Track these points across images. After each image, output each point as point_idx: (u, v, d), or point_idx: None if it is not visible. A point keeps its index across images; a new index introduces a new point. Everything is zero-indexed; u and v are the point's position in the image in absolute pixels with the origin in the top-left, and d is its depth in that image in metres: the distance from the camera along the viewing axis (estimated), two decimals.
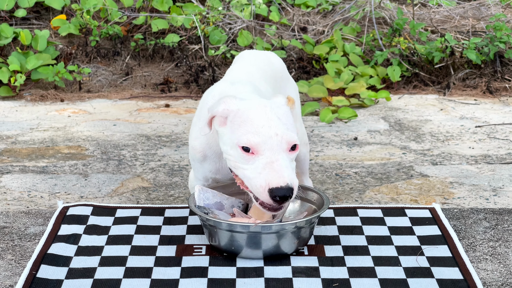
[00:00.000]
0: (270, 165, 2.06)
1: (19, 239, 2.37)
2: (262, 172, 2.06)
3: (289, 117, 2.15)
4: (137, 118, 3.86)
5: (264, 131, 2.08)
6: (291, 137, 2.10)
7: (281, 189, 2.04)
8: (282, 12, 5.11)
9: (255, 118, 2.10)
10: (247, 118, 2.10)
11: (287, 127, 2.11)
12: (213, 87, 2.36)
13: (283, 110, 2.15)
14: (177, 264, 2.14)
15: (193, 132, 2.33)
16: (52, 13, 4.94)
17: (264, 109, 2.11)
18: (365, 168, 3.13)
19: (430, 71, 4.48)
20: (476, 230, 2.45)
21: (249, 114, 2.11)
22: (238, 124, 2.11)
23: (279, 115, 2.12)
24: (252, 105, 2.13)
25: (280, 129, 2.09)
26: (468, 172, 3.07)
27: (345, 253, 2.23)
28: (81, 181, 2.93)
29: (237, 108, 2.13)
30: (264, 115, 2.10)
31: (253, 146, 2.07)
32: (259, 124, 2.09)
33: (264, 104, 2.13)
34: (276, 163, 2.06)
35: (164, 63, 4.66)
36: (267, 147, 2.07)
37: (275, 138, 2.08)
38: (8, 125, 3.72)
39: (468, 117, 3.91)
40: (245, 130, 2.09)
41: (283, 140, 2.09)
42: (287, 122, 2.12)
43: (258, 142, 2.07)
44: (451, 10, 5.12)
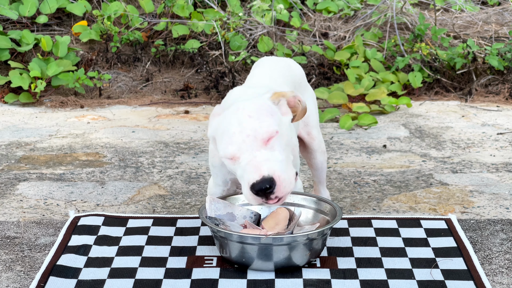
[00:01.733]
0: (248, 164, 2.07)
1: (29, 249, 2.37)
2: (243, 175, 2.08)
3: (263, 109, 2.12)
4: (156, 125, 3.85)
5: (235, 138, 2.09)
6: (263, 131, 2.08)
7: (260, 183, 2.04)
8: (303, 18, 5.08)
9: (227, 127, 2.11)
10: (223, 130, 2.13)
11: (259, 121, 2.09)
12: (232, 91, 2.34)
13: (257, 105, 2.13)
14: (187, 276, 2.13)
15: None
16: (74, 19, 4.96)
17: (236, 114, 2.11)
18: (384, 176, 3.09)
19: (452, 77, 4.43)
20: (493, 242, 2.41)
21: (224, 125, 2.13)
22: (219, 138, 2.14)
23: (251, 113, 2.10)
24: (227, 113, 2.14)
25: (250, 129, 2.08)
26: (488, 180, 3.03)
27: (358, 265, 2.20)
28: (97, 189, 2.93)
29: (216, 123, 2.16)
30: (235, 121, 2.10)
31: (232, 155, 2.09)
32: (230, 132, 2.10)
33: (237, 108, 2.13)
34: (253, 160, 2.07)
35: (184, 69, 4.65)
36: (243, 149, 2.08)
37: (247, 139, 2.08)
38: (27, 132, 3.74)
39: (490, 124, 3.86)
40: (224, 143, 2.11)
41: (256, 138, 2.08)
42: (259, 116, 2.10)
43: (233, 151, 2.09)
44: (474, 15, 5.06)
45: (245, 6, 5.10)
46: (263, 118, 2.10)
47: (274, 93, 2.17)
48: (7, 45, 4.44)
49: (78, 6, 4.84)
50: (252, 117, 2.10)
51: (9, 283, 2.16)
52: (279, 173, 2.06)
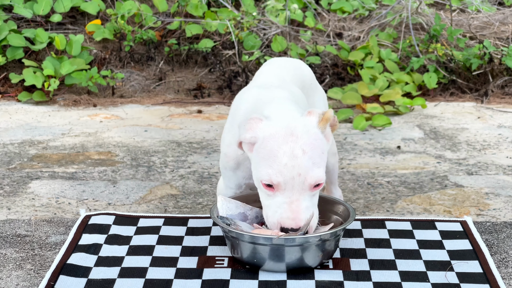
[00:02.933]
0: (288, 205, 2.03)
1: (40, 248, 2.35)
2: (278, 211, 2.04)
3: (317, 146, 2.04)
4: (169, 124, 3.84)
5: (286, 171, 2.01)
6: (315, 176, 2.02)
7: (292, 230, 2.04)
8: (317, 18, 5.05)
9: (279, 153, 2.01)
10: (271, 152, 2.02)
11: (312, 162, 2.01)
12: (245, 92, 2.30)
13: (311, 139, 2.03)
14: (197, 277, 2.10)
15: (226, 139, 2.28)
16: (88, 18, 4.96)
17: (289, 142, 2.01)
18: (398, 177, 3.06)
19: (468, 78, 4.39)
20: (509, 245, 2.37)
21: (272, 146, 2.02)
22: (262, 156, 2.04)
23: (305, 147, 2.01)
24: (279, 134, 2.03)
25: (304, 168, 2.00)
26: (504, 182, 2.99)
27: (371, 267, 2.17)
28: (109, 188, 2.92)
29: (262, 135, 2.05)
30: (289, 151, 2.00)
31: (275, 185, 2.03)
32: (281, 161, 2.01)
33: (291, 133, 2.03)
34: (294, 204, 2.02)
35: (197, 68, 4.64)
36: (288, 187, 2.02)
37: (298, 178, 2.01)
38: (40, 130, 3.73)
39: (506, 125, 3.82)
40: (267, 165, 2.02)
41: (306, 180, 2.02)
42: (313, 154, 2.02)
43: (279, 182, 2.02)
44: (491, 16, 5.02)
45: (259, 5, 5.08)
46: (317, 161, 2.02)
47: (321, 117, 2.07)
48: (21, 44, 4.44)
49: (92, 5, 4.84)
50: (306, 153, 2.01)
51: (19, 281, 2.14)
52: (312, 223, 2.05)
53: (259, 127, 2.07)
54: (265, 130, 2.06)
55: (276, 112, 2.10)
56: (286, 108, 2.12)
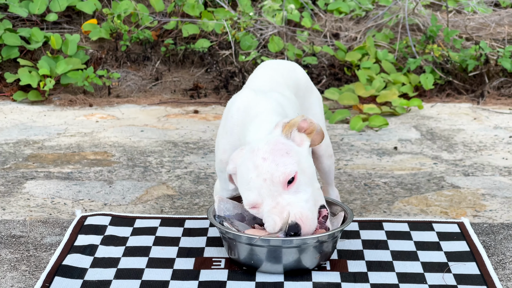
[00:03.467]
0: (271, 211, 2.04)
1: (35, 249, 2.34)
2: (268, 220, 2.05)
3: (278, 149, 2.06)
4: (165, 124, 3.83)
5: (252, 184, 2.05)
6: (279, 175, 2.03)
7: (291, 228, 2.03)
8: (314, 18, 5.05)
9: (244, 173, 2.07)
10: (241, 175, 2.09)
11: (275, 164, 2.03)
12: (237, 97, 2.29)
13: (271, 145, 2.07)
14: (194, 278, 2.09)
15: (220, 144, 2.28)
16: (84, 18, 4.94)
17: (251, 158, 2.06)
18: (395, 178, 3.05)
19: (464, 79, 4.39)
20: (506, 247, 2.37)
21: (242, 170, 2.09)
22: (239, 184, 2.11)
23: (265, 155, 2.05)
24: (245, 157, 2.09)
25: (266, 173, 2.03)
26: (501, 184, 2.99)
27: (369, 268, 2.17)
28: (105, 188, 2.91)
29: (239, 163, 2.11)
30: (252, 165, 2.05)
31: (252, 203, 2.06)
32: (248, 178, 2.06)
33: (252, 150, 2.07)
34: (277, 207, 2.03)
35: (194, 68, 4.62)
36: (264, 195, 2.04)
37: (265, 184, 2.03)
38: (35, 130, 3.71)
39: (503, 126, 3.81)
40: (243, 190, 2.09)
41: (274, 182, 2.03)
42: (274, 158, 2.04)
43: (253, 198, 2.05)
44: (487, 17, 5.02)
45: (256, 5, 5.07)
46: (278, 160, 2.04)
47: (283, 126, 2.11)
48: (16, 43, 4.42)
49: (88, 4, 4.82)
50: (267, 159, 2.04)
51: (13, 283, 2.13)
52: (305, 216, 2.04)
53: (238, 156, 2.13)
54: (238, 157, 2.12)
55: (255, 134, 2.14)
56: (265, 127, 2.14)
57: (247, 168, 2.07)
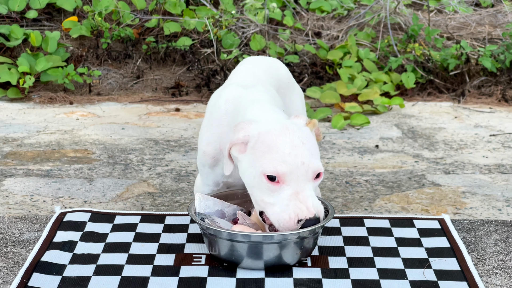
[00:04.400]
0: (295, 196, 2.01)
1: (13, 245, 2.31)
2: (289, 204, 2.01)
3: (312, 141, 2.07)
4: (146, 122, 3.81)
5: (290, 160, 2.00)
6: (317, 165, 2.03)
7: (309, 220, 2.03)
8: (296, 17, 5.05)
9: (280, 144, 2.01)
10: (271, 144, 2.01)
11: (311, 153, 2.03)
12: (223, 90, 2.28)
13: (305, 133, 2.06)
14: (174, 274, 2.08)
15: (204, 137, 2.26)
16: (64, 15, 4.91)
17: (288, 134, 2.02)
18: (376, 176, 3.06)
19: (445, 78, 4.40)
20: (486, 243, 2.37)
21: (272, 139, 2.02)
22: (262, 150, 2.02)
23: (303, 140, 2.03)
24: (274, 129, 2.03)
25: (306, 157, 2.01)
26: (481, 181, 3.00)
27: (350, 264, 2.16)
28: (85, 186, 2.89)
29: (257, 132, 2.04)
30: (289, 141, 2.01)
31: (280, 175, 2.00)
32: (284, 151, 2.00)
33: (286, 127, 2.03)
34: (302, 194, 2.02)
35: (175, 66, 4.61)
36: (294, 177, 2.01)
37: (302, 167, 2.00)
38: (15, 128, 3.68)
39: (483, 125, 3.83)
40: (270, 158, 2.00)
41: (309, 169, 2.02)
42: (311, 147, 2.04)
43: (285, 172, 2.00)
44: (468, 16, 5.04)
45: (238, 4, 5.06)
46: (314, 151, 2.05)
47: (308, 121, 2.11)
48: None
49: (69, 1, 4.79)
50: (305, 145, 2.02)
51: None
52: (321, 214, 2.06)
53: (251, 127, 2.06)
54: (259, 127, 2.05)
55: (262, 115, 2.11)
56: (270, 111, 2.13)
57: (283, 141, 2.01)
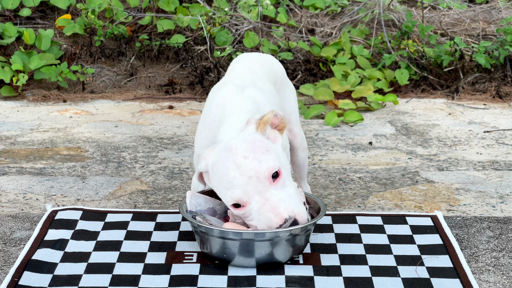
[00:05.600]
0: (263, 208, 2.01)
1: (4, 244, 2.30)
2: (260, 218, 2.02)
3: (257, 147, 2.04)
4: (140, 120, 3.80)
5: (237, 182, 2.01)
6: (264, 170, 2.01)
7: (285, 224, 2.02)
8: (290, 14, 5.04)
9: (224, 172, 2.03)
10: (221, 174, 2.04)
11: (258, 161, 2.01)
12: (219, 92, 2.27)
13: (249, 144, 2.05)
14: (166, 272, 2.07)
15: (198, 140, 2.26)
16: (57, 13, 4.90)
17: (230, 157, 2.03)
18: (370, 173, 3.05)
19: (439, 74, 4.40)
20: (479, 240, 2.37)
21: (219, 168, 2.04)
22: (216, 183, 2.07)
23: (246, 153, 2.02)
24: (220, 156, 2.05)
25: (250, 170, 2.00)
26: (475, 178, 2.99)
27: (342, 262, 2.16)
28: (78, 184, 2.88)
29: (211, 162, 2.07)
30: (232, 164, 2.02)
31: (237, 201, 2.03)
32: (229, 177, 2.02)
33: (229, 149, 2.04)
34: (268, 203, 2.01)
35: (169, 64, 4.60)
36: (250, 194, 2.01)
37: (250, 181, 2.01)
38: (8, 126, 3.67)
39: (477, 122, 3.82)
40: (223, 189, 2.04)
41: (259, 178, 2.01)
42: (255, 155, 2.03)
43: (238, 195, 2.01)
44: (462, 13, 5.03)
45: (231, 1, 5.05)
46: (260, 157, 2.02)
47: (257, 123, 2.09)
48: None
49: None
50: (248, 157, 2.02)
51: None
52: (297, 210, 2.03)
53: (210, 154, 2.10)
54: (213, 156, 2.08)
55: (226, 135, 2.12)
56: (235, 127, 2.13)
57: (226, 167, 2.03)
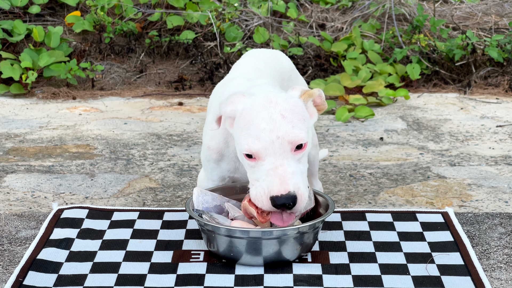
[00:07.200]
0: (273, 171, 1.95)
1: (9, 243, 2.29)
2: (265, 179, 1.96)
3: (297, 112, 2.01)
4: (149, 117, 3.78)
5: (264, 136, 1.96)
6: (295, 136, 1.96)
7: (282, 197, 1.94)
8: (300, 9, 5.01)
9: (256, 120, 1.97)
10: (250, 120, 1.99)
11: (292, 125, 1.97)
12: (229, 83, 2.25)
13: (291, 105, 2.01)
14: (172, 271, 2.05)
15: (209, 131, 2.24)
16: (67, 10, 4.89)
17: (268, 108, 1.98)
18: (381, 169, 3.02)
19: (451, 69, 4.36)
20: (491, 236, 2.33)
21: (251, 115, 1.99)
22: (241, 127, 2.01)
23: (284, 112, 1.98)
24: (256, 104, 2.00)
25: (282, 131, 1.96)
26: (487, 173, 2.96)
27: (351, 260, 2.13)
28: (87, 181, 2.86)
29: (242, 107, 2.02)
30: (267, 116, 1.97)
31: (254, 152, 1.97)
32: (259, 127, 1.97)
33: (269, 101, 2.00)
34: (280, 169, 1.95)
35: (178, 60, 4.58)
36: (269, 152, 1.96)
37: (277, 141, 1.95)
38: (17, 123, 3.67)
39: (489, 116, 3.78)
40: (246, 135, 1.98)
41: (285, 142, 1.96)
42: (293, 119, 1.98)
43: (258, 149, 1.96)
44: (474, 6, 4.99)
45: None
46: (296, 123, 1.98)
47: (303, 91, 2.06)
48: None
49: None
50: (286, 118, 1.97)
51: None
52: (302, 191, 1.97)
53: (240, 101, 2.04)
54: (246, 102, 2.03)
55: (261, 89, 2.09)
56: (271, 87, 2.12)
57: (261, 117, 1.97)
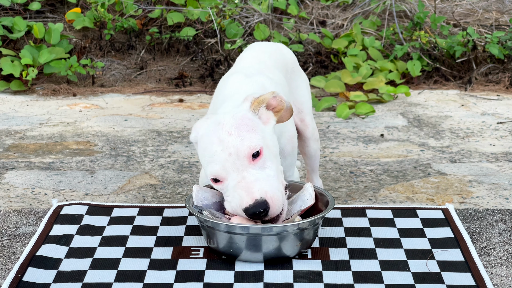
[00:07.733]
0: (238, 185, 1.99)
1: (9, 239, 2.29)
2: (235, 195, 2.00)
3: (244, 124, 2.03)
4: (150, 113, 3.78)
5: (217, 158, 2.00)
6: (245, 148, 1.99)
7: (253, 207, 1.96)
8: (300, 5, 5.00)
9: (208, 145, 2.03)
10: (205, 146, 2.04)
11: (241, 139, 2.00)
12: (227, 79, 2.26)
13: (237, 120, 2.03)
14: (172, 268, 2.05)
15: None
16: (67, 6, 4.88)
17: (216, 131, 2.02)
18: (381, 165, 3.02)
19: (452, 65, 4.35)
20: (491, 233, 2.33)
21: (205, 141, 2.04)
22: (201, 154, 2.07)
23: (231, 129, 2.01)
24: (208, 129, 2.04)
25: (231, 147, 1.99)
26: (488, 170, 2.95)
27: (351, 256, 2.13)
28: (87, 178, 2.86)
29: (201, 134, 2.07)
30: (216, 139, 2.01)
31: (216, 175, 2.02)
32: (211, 151, 2.02)
33: (217, 123, 2.03)
34: (243, 182, 1.98)
35: (179, 57, 4.57)
36: (228, 170, 2.00)
37: (230, 159, 1.99)
38: (17, 120, 3.66)
39: (490, 113, 3.78)
40: (206, 161, 2.04)
41: (238, 156, 1.99)
42: (240, 132, 2.01)
43: (217, 171, 2.01)
44: (474, 3, 4.98)
45: None
46: (244, 135, 2.01)
47: (252, 101, 2.08)
48: None
49: None
50: (232, 134, 2.01)
51: None
52: (271, 194, 1.98)
53: (201, 126, 2.09)
54: (203, 128, 2.07)
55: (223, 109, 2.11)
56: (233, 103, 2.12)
57: (211, 141, 2.03)
